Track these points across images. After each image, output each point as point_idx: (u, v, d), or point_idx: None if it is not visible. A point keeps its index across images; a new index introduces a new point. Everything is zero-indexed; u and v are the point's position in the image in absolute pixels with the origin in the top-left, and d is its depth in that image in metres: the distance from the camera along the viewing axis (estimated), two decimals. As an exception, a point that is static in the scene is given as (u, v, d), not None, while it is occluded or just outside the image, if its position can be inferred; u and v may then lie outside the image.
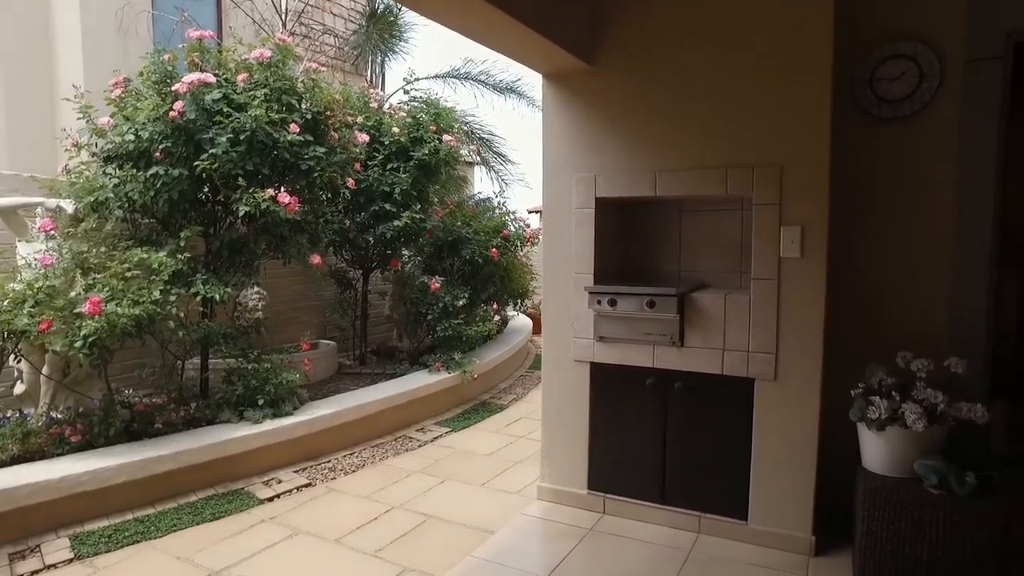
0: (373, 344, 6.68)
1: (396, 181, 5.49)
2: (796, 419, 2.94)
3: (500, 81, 9.12)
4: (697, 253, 3.50)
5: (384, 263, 6.01)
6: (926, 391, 2.66)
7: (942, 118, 3.05)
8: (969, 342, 3.01)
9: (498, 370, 6.54)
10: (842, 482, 2.96)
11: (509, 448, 4.59)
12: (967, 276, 3.05)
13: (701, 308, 3.11)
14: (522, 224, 7.08)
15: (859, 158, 3.18)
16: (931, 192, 3.09)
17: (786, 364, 2.94)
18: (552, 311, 3.53)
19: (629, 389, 3.31)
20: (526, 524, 3.35)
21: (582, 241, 3.39)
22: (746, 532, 3.06)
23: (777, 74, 2.90)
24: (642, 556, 2.98)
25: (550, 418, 3.57)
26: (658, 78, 3.17)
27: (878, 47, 3.12)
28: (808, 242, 2.87)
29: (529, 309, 8.52)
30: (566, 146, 3.43)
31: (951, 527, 2.53)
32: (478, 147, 9.22)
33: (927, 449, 2.64)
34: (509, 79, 9.10)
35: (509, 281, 6.91)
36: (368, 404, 4.71)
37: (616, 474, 3.38)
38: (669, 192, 3.18)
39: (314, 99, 4.58)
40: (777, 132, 2.91)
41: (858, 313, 3.20)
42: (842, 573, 2.79)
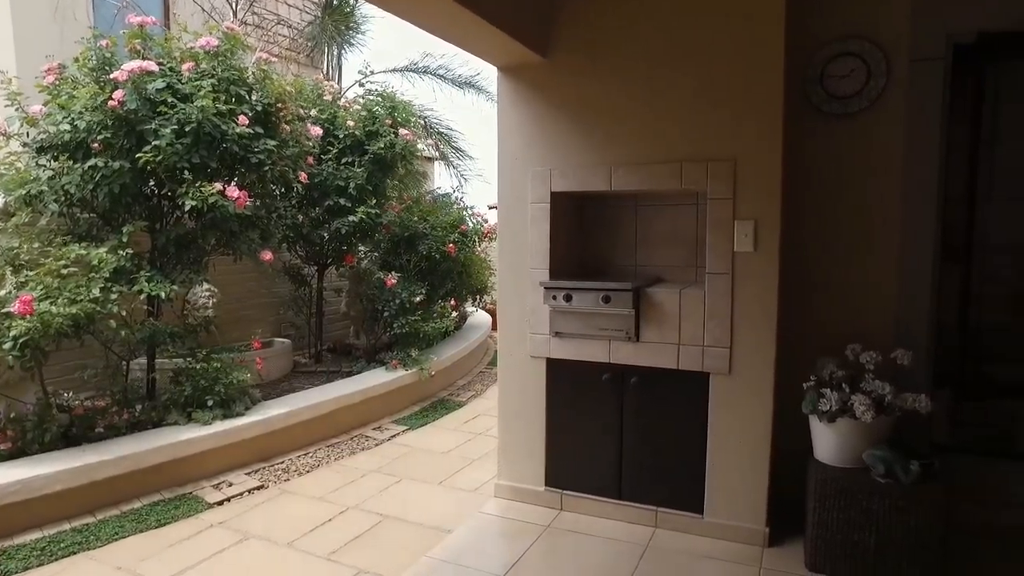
0: (329, 342, 6.56)
1: (351, 176, 5.39)
2: (750, 412, 2.97)
3: (459, 76, 9.06)
4: (653, 247, 3.51)
5: (339, 259, 5.89)
6: (874, 383, 2.72)
7: (889, 116, 3.12)
8: (914, 334, 3.10)
9: (457, 367, 6.49)
10: (795, 474, 3.01)
11: (467, 445, 4.55)
12: (912, 271, 3.14)
13: (656, 303, 3.12)
14: (480, 219, 7.04)
15: (811, 153, 3.23)
16: (880, 189, 3.17)
17: (740, 358, 2.97)
18: (508, 307, 3.50)
19: (585, 385, 3.31)
20: (483, 522, 3.32)
21: (538, 236, 3.36)
22: (702, 525, 3.08)
23: (731, 69, 2.91)
24: (600, 552, 2.98)
25: (507, 415, 3.54)
26: (613, 71, 3.16)
27: (828, 45, 3.18)
28: (761, 236, 2.90)
29: (488, 305, 8.49)
30: (521, 140, 3.39)
31: (896, 513, 2.61)
32: (437, 142, 9.14)
33: (875, 439, 2.71)
34: (468, 73, 9.06)
35: (467, 277, 6.87)
36: (323, 403, 4.61)
37: (573, 470, 3.37)
38: (625, 186, 3.18)
39: (265, 91, 4.45)
40: (731, 127, 2.93)
41: (810, 306, 3.26)
42: (794, 562, 2.84)
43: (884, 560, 2.63)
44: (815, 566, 2.75)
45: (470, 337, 7.17)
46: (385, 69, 8.81)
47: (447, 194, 7.66)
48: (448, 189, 7.90)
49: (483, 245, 7.24)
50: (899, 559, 2.61)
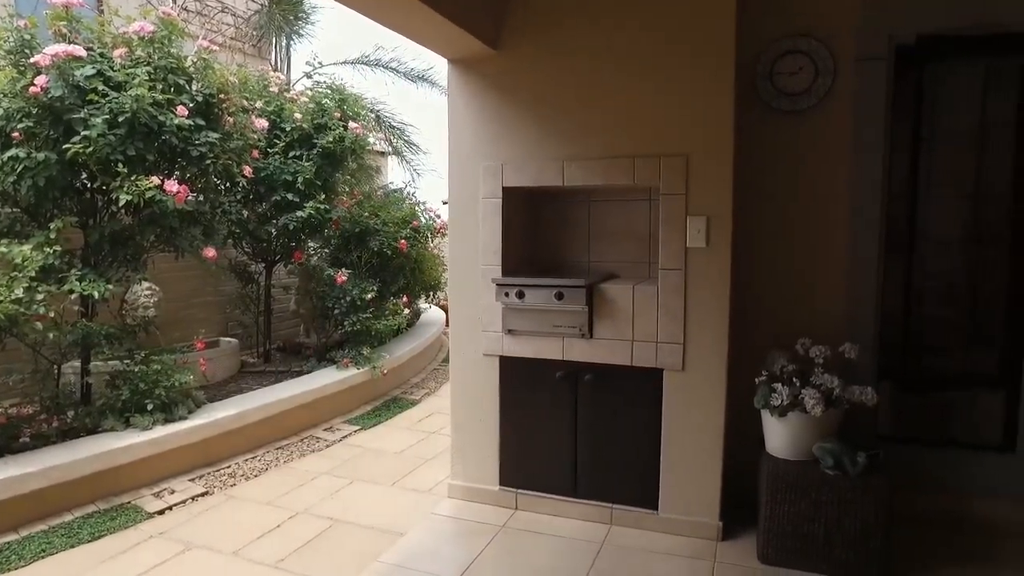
0: (278, 341, 6.37)
1: (299, 170, 5.22)
2: (704, 408, 2.98)
3: (412, 69, 8.91)
4: (606, 244, 3.49)
5: (288, 256, 5.72)
6: (823, 376, 2.77)
7: (836, 112, 3.18)
8: (861, 328, 3.18)
9: (410, 364, 6.39)
10: (748, 468, 3.04)
11: (420, 445, 4.48)
12: (859, 266, 3.21)
13: (610, 299, 3.10)
14: (432, 215, 6.94)
15: (762, 149, 3.27)
16: (828, 185, 3.22)
17: (694, 354, 2.98)
18: (460, 304, 3.44)
19: (539, 382, 3.27)
20: (437, 524, 3.26)
21: (490, 232, 3.31)
22: (657, 521, 3.09)
23: (683, 65, 2.91)
24: (555, 551, 2.95)
25: (460, 414, 3.48)
26: (564, 65, 3.12)
27: (777, 42, 3.21)
28: (714, 232, 2.91)
29: (441, 301, 8.40)
30: (472, 134, 3.33)
31: (845, 504, 2.66)
32: (389, 136, 8.98)
33: (824, 432, 2.75)
34: (421, 67, 8.92)
35: (420, 273, 6.77)
36: (272, 404, 4.46)
37: (528, 469, 3.34)
38: (577, 182, 3.15)
39: (206, 80, 4.26)
40: (683, 122, 2.93)
41: (762, 301, 3.29)
42: (747, 555, 2.87)
43: (832, 549, 2.68)
44: (767, 558, 2.79)
45: (423, 334, 7.08)
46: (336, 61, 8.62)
47: (399, 189, 7.53)
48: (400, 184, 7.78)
49: (436, 241, 7.14)
50: (846, 548, 2.67)
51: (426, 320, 7.96)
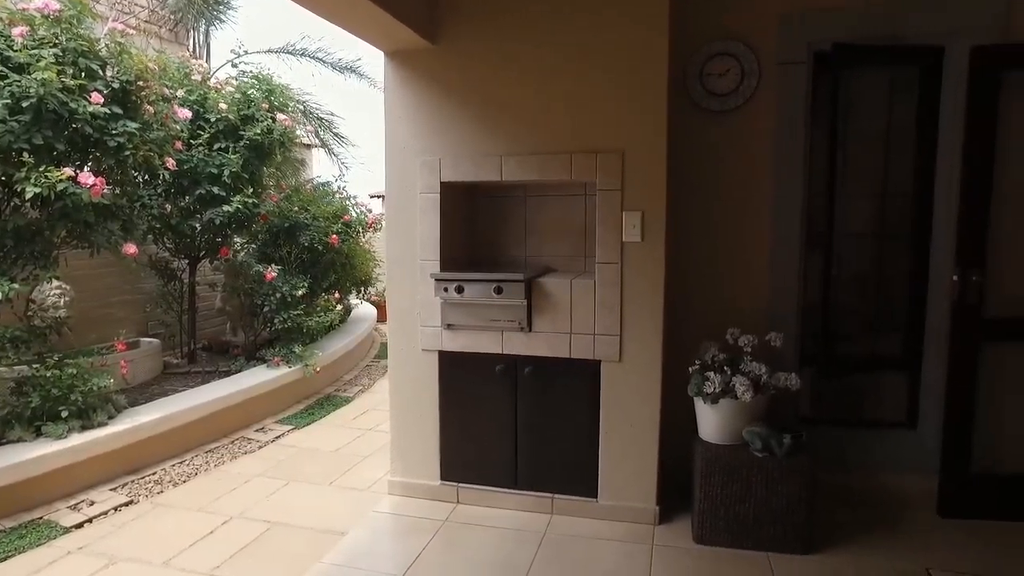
0: (204, 340, 6.11)
1: (225, 162, 5.02)
2: (640, 397, 3.08)
3: (339, 60, 8.70)
4: (544, 238, 3.54)
5: (213, 251, 5.50)
6: (752, 364, 2.92)
7: (761, 113, 3.34)
8: (784, 318, 3.36)
9: (343, 361, 6.28)
10: (682, 453, 3.17)
11: (357, 442, 4.41)
12: (782, 259, 3.40)
13: (548, 293, 3.15)
14: (364, 209, 6.83)
15: (694, 147, 3.40)
16: (754, 182, 3.39)
17: (630, 345, 3.07)
18: (398, 299, 3.41)
19: (479, 376, 3.29)
20: (378, 522, 3.23)
21: (427, 227, 3.30)
22: (596, 508, 3.17)
23: (619, 63, 2.98)
24: (498, 542, 2.99)
25: (399, 409, 3.46)
26: (503, 61, 3.13)
27: (707, 44, 3.34)
28: (648, 227, 3.01)
29: (373, 297, 8.28)
30: (409, 128, 3.30)
31: (772, 484, 2.81)
32: (316, 128, 8.74)
33: (753, 417, 2.91)
34: (349, 58, 8.72)
35: (351, 268, 6.66)
36: (199, 406, 4.29)
37: (469, 463, 3.36)
38: (515, 177, 3.17)
39: (122, 66, 4.02)
40: (619, 120, 3.00)
41: (695, 293, 3.43)
42: (684, 537, 2.99)
43: (761, 526, 2.84)
44: (702, 538, 2.92)
45: (356, 330, 6.96)
46: (260, 50, 8.30)
47: (328, 183, 7.36)
48: (329, 177, 7.59)
49: (367, 236, 7.04)
50: (774, 524, 2.83)
51: (357, 316, 7.83)
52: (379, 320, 8.51)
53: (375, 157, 15.99)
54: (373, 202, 10.55)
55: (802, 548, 2.83)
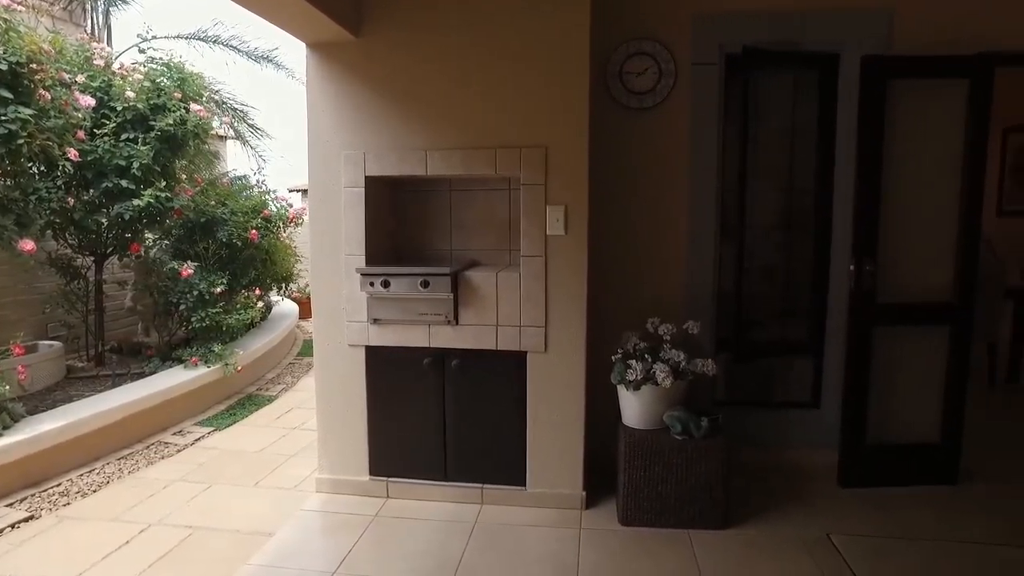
0: (113, 341, 5.79)
1: (135, 154, 4.76)
2: (566, 387, 3.17)
3: (255, 49, 8.39)
4: (469, 232, 3.57)
5: (123, 248, 5.21)
6: (671, 351, 3.06)
7: (677, 111, 3.49)
8: (701, 306, 3.54)
9: (265, 359, 6.12)
10: (607, 439, 3.29)
11: (282, 442, 4.32)
12: (698, 250, 3.57)
13: (474, 286, 3.19)
14: (284, 204, 6.64)
15: (614, 143, 3.51)
16: (672, 176, 3.55)
17: (555, 336, 3.15)
18: (322, 295, 3.36)
19: (407, 370, 3.30)
20: (307, 520, 3.19)
21: (352, 221, 3.26)
22: (525, 497, 3.25)
23: (542, 61, 3.04)
24: (429, 535, 3.01)
25: (325, 406, 3.42)
26: (428, 56, 3.14)
27: (626, 43, 3.46)
28: (571, 220, 3.09)
29: (294, 293, 8.08)
30: (333, 121, 3.25)
31: (691, 464, 2.97)
32: (231, 119, 8.41)
33: (673, 402, 3.05)
34: (266, 47, 8.43)
35: (272, 264, 6.47)
36: (109, 411, 4.07)
37: (398, 457, 3.36)
38: (440, 171, 3.19)
39: (10, 46, 3.74)
40: (542, 116, 3.06)
41: (617, 284, 3.56)
42: (610, 520, 3.11)
43: (682, 505, 3.00)
44: (627, 520, 3.04)
45: (277, 328, 6.79)
46: (169, 35, 7.89)
47: (245, 176, 7.11)
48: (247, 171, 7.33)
49: (288, 231, 6.85)
50: (694, 502, 2.99)
51: (279, 313, 7.63)
52: (302, 317, 8.32)
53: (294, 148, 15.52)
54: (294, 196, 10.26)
55: (720, 523, 3.00)
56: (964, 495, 3.38)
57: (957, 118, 3.34)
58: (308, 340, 7.59)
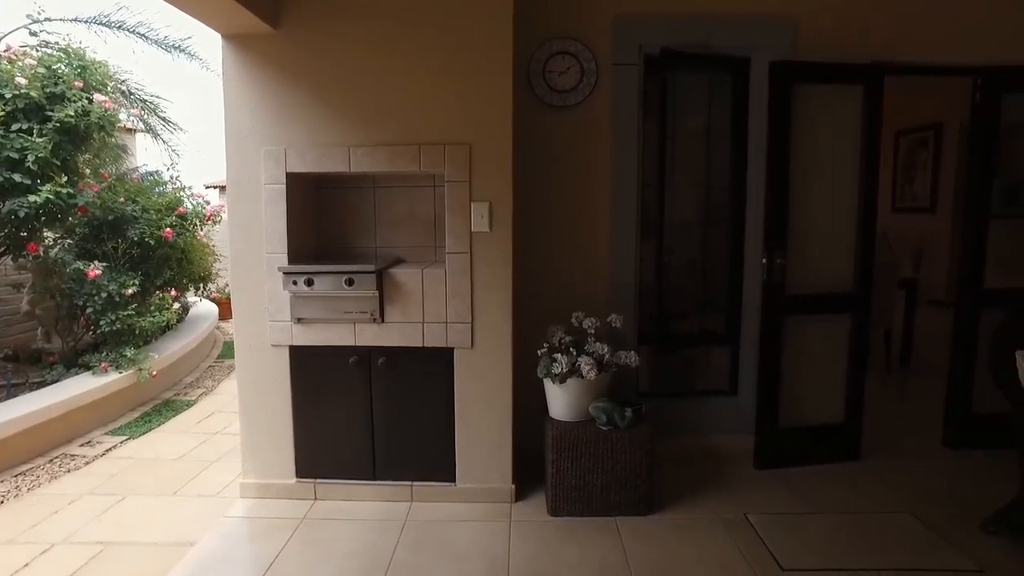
0: (8, 348, 5.40)
1: (30, 147, 4.43)
2: (493, 382, 3.20)
3: (166, 37, 7.97)
4: (394, 229, 3.54)
5: (18, 248, 4.86)
6: (595, 345, 3.14)
7: (599, 110, 3.58)
8: (623, 300, 3.65)
9: (182, 363, 5.86)
10: (535, 432, 3.34)
11: (203, 447, 4.16)
12: (620, 245, 3.67)
13: (400, 283, 3.17)
14: (200, 201, 6.37)
15: (540, 141, 3.57)
16: (595, 174, 3.63)
17: (481, 332, 3.18)
18: (243, 295, 3.26)
19: (332, 369, 3.24)
20: (231, 527, 3.09)
21: (273, 219, 3.18)
22: (455, 492, 3.26)
23: (466, 58, 3.04)
24: (360, 534, 2.98)
25: (249, 409, 3.31)
26: (350, 50, 3.08)
27: (549, 42, 3.51)
28: (496, 217, 3.12)
29: (213, 294, 7.77)
30: (251, 116, 3.15)
31: (616, 454, 3.06)
32: (141, 111, 7.96)
33: (598, 393, 3.13)
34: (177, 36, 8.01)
35: (188, 264, 6.19)
36: (1, 424, 3.79)
37: (325, 457, 3.30)
38: (364, 168, 3.15)
39: None
40: (466, 113, 3.07)
41: (542, 280, 3.62)
42: (539, 511, 3.16)
43: (609, 494, 3.08)
44: (556, 511, 3.11)
45: (195, 329, 6.51)
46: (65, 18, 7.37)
47: (157, 172, 6.76)
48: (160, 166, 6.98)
49: (206, 229, 6.57)
50: (620, 490, 3.08)
51: (197, 314, 7.31)
52: (222, 318, 8.01)
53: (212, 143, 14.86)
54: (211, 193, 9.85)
55: (645, 509, 3.10)
56: (865, 469, 3.64)
57: (854, 121, 3.58)
58: (229, 342, 7.31)
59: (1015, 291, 4.01)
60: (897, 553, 2.79)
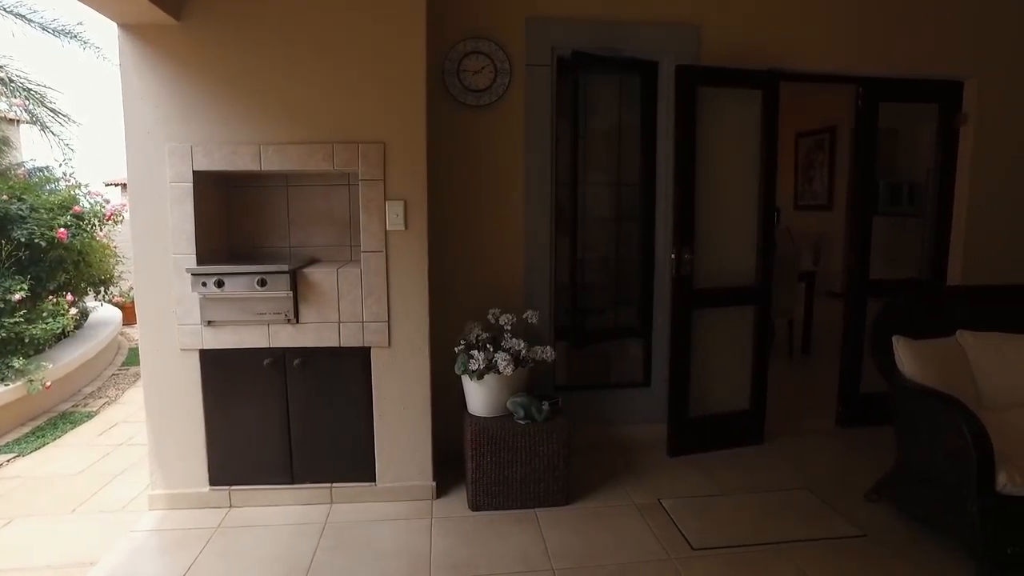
0: None
1: None
2: (411, 380, 3.20)
3: (53, 21, 7.43)
4: (308, 228, 3.48)
5: None
6: (512, 341, 3.20)
7: (513, 110, 3.63)
8: (539, 297, 3.73)
9: (81, 372, 5.52)
10: (454, 429, 3.37)
11: (106, 461, 3.94)
12: (535, 243, 3.74)
13: (314, 283, 3.12)
14: (99, 199, 6.01)
15: (456, 140, 3.58)
16: (510, 172, 3.68)
17: (399, 330, 3.17)
18: (148, 297, 3.11)
19: (246, 373, 3.16)
20: (138, 542, 2.94)
21: (180, 218, 3.05)
22: (376, 492, 3.24)
23: (378, 56, 3.03)
24: (278, 540, 2.91)
25: (156, 417, 3.17)
26: (259, 46, 3.00)
27: (463, 42, 3.54)
28: (411, 215, 3.12)
29: (116, 298, 7.35)
30: (155, 112, 3.01)
31: (535, 447, 3.12)
32: (25, 101, 7.40)
33: (516, 388, 3.19)
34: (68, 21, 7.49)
35: (87, 267, 5.85)
36: None
37: (240, 463, 3.21)
38: (275, 167, 3.07)
39: None
40: (380, 111, 3.06)
41: (459, 277, 3.64)
42: (460, 506, 3.19)
43: (528, 486, 3.15)
44: (477, 505, 3.14)
45: (96, 336, 6.13)
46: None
47: (47, 167, 6.33)
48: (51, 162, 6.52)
49: (106, 229, 6.21)
50: (539, 482, 3.15)
51: (98, 320, 6.88)
52: (126, 323, 7.57)
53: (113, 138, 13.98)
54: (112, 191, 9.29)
55: (564, 499, 3.19)
56: (768, 451, 3.89)
57: (754, 123, 3.80)
58: (135, 348, 6.93)
59: (896, 282, 4.39)
60: (795, 526, 3.00)
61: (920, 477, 2.92)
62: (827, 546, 2.83)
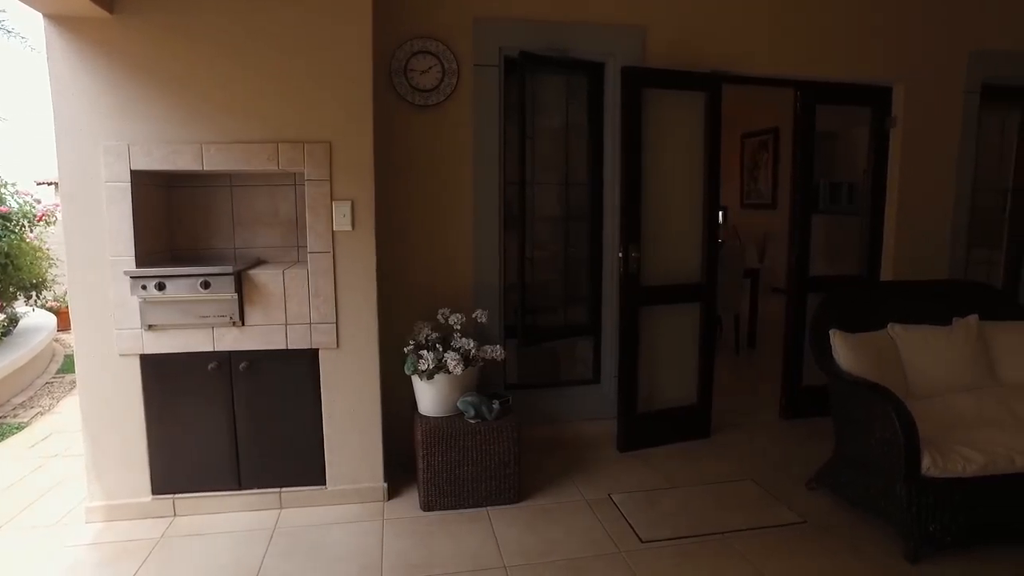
0: None
1: None
2: (360, 382, 3.17)
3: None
4: (252, 229, 3.41)
5: None
6: (461, 340, 3.21)
7: (462, 109, 3.64)
8: (488, 296, 3.74)
9: (11, 381, 5.27)
10: (405, 429, 3.35)
11: (38, 474, 3.77)
12: (484, 242, 3.76)
13: (260, 285, 3.07)
14: (29, 199, 5.75)
15: (404, 139, 3.57)
16: (458, 172, 3.69)
17: (347, 331, 3.14)
18: (84, 301, 2.99)
19: (189, 377, 3.07)
20: (75, 557, 2.82)
21: (118, 219, 2.95)
22: (326, 495, 3.20)
23: (324, 55, 2.99)
24: (227, 547, 2.85)
25: (94, 425, 3.05)
26: (199, 41, 2.92)
27: (410, 41, 3.52)
28: (359, 216, 3.09)
29: (50, 303, 7.04)
30: (87, 108, 2.90)
31: (485, 445, 3.14)
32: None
33: (466, 388, 3.20)
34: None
35: (16, 270, 5.59)
36: None
37: (185, 471, 3.12)
38: (218, 166, 3.00)
39: None
40: (325, 111, 3.02)
41: (408, 277, 3.63)
42: (412, 507, 3.18)
43: (479, 484, 3.16)
44: (429, 505, 3.14)
45: (27, 343, 5.86)
46: None
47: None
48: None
49: (37, 230, 5.94)
50: (490, 482, 3.17)
51: (29, 326, 6.58)
52: (61, 328, 7.26)
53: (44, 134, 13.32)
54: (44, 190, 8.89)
55: (515, 497, 3.21)
56: (715, 444, 4.00)
57: (698, 124, 3.90)
58: (71, 354, 6.65)
59: (835, 278, 4.57)
60: (739, 516, 3.09)
61: (856, 464, 3.05)
62: (769, 534, 2.93)
